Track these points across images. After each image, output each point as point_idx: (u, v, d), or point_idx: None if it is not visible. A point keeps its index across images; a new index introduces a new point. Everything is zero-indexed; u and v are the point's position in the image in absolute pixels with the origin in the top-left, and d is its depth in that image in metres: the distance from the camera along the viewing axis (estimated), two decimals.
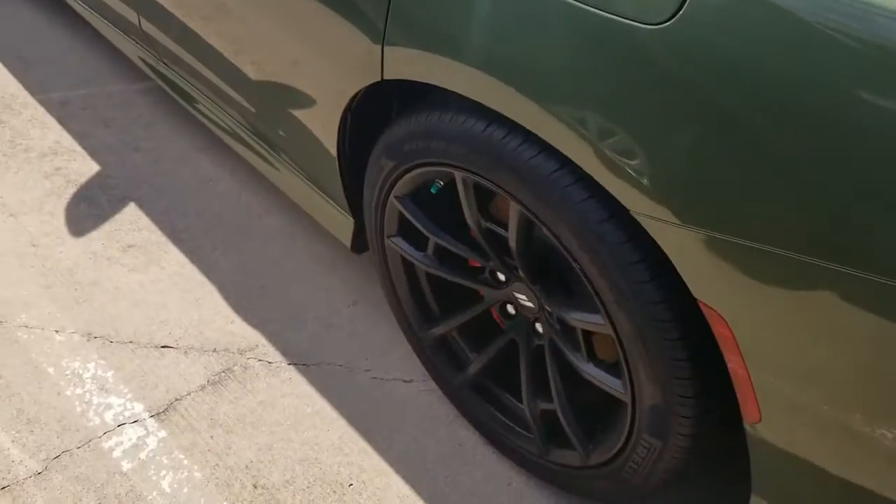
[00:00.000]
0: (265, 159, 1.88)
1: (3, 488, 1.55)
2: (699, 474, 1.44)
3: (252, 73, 1.68)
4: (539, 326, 1.42)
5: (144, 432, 1.66)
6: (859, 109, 0.83)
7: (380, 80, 1.29)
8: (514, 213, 1.24)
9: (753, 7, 0.88)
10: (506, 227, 1.28)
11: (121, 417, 1.68)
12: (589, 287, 1.17)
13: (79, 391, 1.73)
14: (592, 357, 1.29)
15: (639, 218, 1.04)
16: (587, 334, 1.30)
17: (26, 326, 1.85)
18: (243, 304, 1.91)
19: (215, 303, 1.91)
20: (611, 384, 1.25)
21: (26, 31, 2.81)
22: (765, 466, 1.13)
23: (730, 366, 1.05)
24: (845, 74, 0.83)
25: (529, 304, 1.40)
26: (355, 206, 1.66)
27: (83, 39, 2.72)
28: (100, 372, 1.76)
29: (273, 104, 1.69)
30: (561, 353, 1.35)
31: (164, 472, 1.59)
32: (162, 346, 1.82)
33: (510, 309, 1.48)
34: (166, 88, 2.21)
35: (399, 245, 1.53)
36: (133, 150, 2.33)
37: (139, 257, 2.02)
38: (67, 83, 2.56)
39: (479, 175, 1.24)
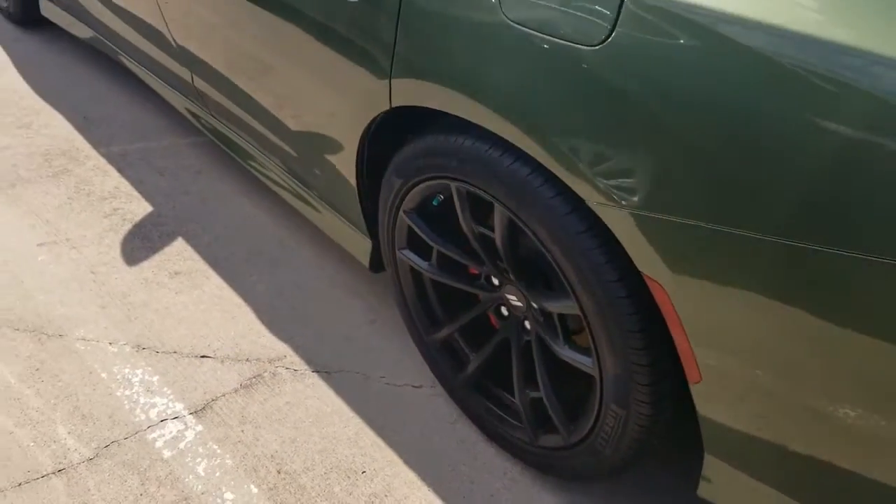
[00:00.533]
0: (300, 197, 2.14)
1: (60, 471, 1.77)
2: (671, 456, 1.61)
3: (290, 122, 1.96)
4: (527, 324, 1.62)
5: (183, 427, 1.87)
6: (749, 105, 1.05)
7: (388, 108, 1.55)
8: (498, 215, 1.46)
9: (663, 36, 1.11)
10: (494, 231, 1.51)
11: (163, 414, 1.90)
12: (560, 274, 1.38)
13: (127, 392, 1.96)
14: (568, 342, 1.49)
15: (592, 206, 1.26)
16: (564, 324, 1.50)
17: (84, 339, 2.10)
18: (274, 321, 2.14)
19: (249, 320, 2.15)
20: (583, 362, 1.44)
21: (90, 92, 3.16)
22: (710, 425, 1.30)
23: (672, 331, 1.25)
24: (729, 83, 1.06)
25: (519, 304, 1.61)
26: (372, 228, 1.90)
27: (139, 99, 3.05)
28: (146, 377, 2.00)
29: (306, 146, 1.95)
30: (545, 344, 1.55)
31: (199, 460, 1.80)
32: (201, 356, 2.06)
33: (503, 311, 1.69)
34: (214, 140, 2.50)
35: (408, 256, 1.75)
36: (183, 193, 2.62)
37: (185, 282, 2.27)
38: (126, 138, 2.88)
39: (469, 184, 1.47)
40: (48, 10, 3.31)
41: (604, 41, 1.16)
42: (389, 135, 1.67)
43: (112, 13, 2.68)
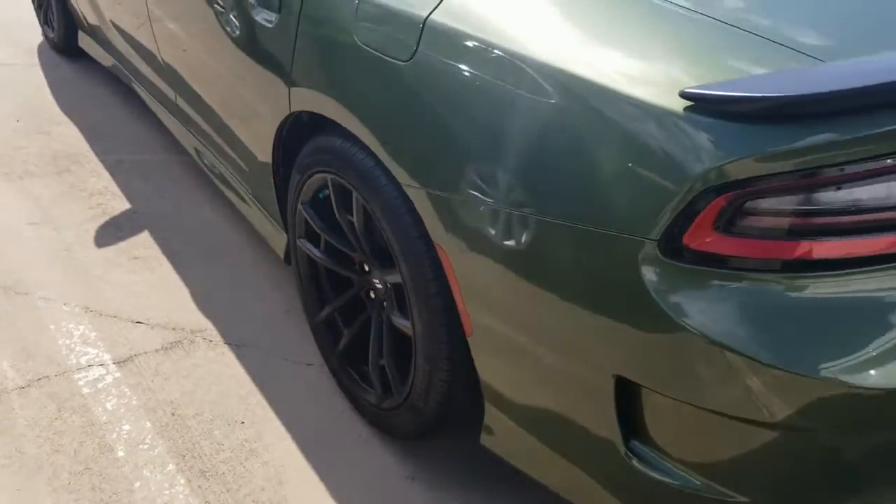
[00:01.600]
0: (238, 195, 2.52)
1: None
2: None
3: (234, 128, 2.35)
4: (385, 304, 1.94)
5: (105, 372, 2.21)
6: (502, 112, 1.39)
7: (289, 112, 1.93)
8: (355, 201, 1.80)
9: (449, 56, 1.47)
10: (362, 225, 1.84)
11: (92, 361, 2.25)
12: (390, 248, 1.71)
13: (67, 342, 2.31)
14: (400, 310, 1.80)
15: (405, 188, 1.59)
16: (399, 295, 1.81)
17: (44, 298, 2.47)
18: (204, 302, 2.49)
19: (184, 299, 2.50)
20: (405, 325, 1.75)
21: (106, 111, 3.63)
22: (485, 374, 1.60)
23: (453, 291, 1.56)
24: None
25: (380, 287, 1.94)
26: (287, 223, 2.26)
27: (143, 119, 3.50)
28: (86, 332, 2.35)
29: (243, 150, 2.34)
30: (388, 315, 1.87)
31: (110, 398, 2.13)
32: (136, 322, 2.41)
33: (371, 294, 2.01)
34: (189, 152, 2.92)
35: (304, 245, 2.10)
36: (159, 197, 3.02)
37: (140, 265, 2.65)
38: (124, 150, 3.32)
39: (338, 175, 1.82)
40: (84, 41, 3.83)
41: (411, 58, 1.53)
42: (304, 138, 2.03)
43: (125, 42, 3.15)
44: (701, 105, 1.14)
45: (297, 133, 2.01)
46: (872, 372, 1.18)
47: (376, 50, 1.61)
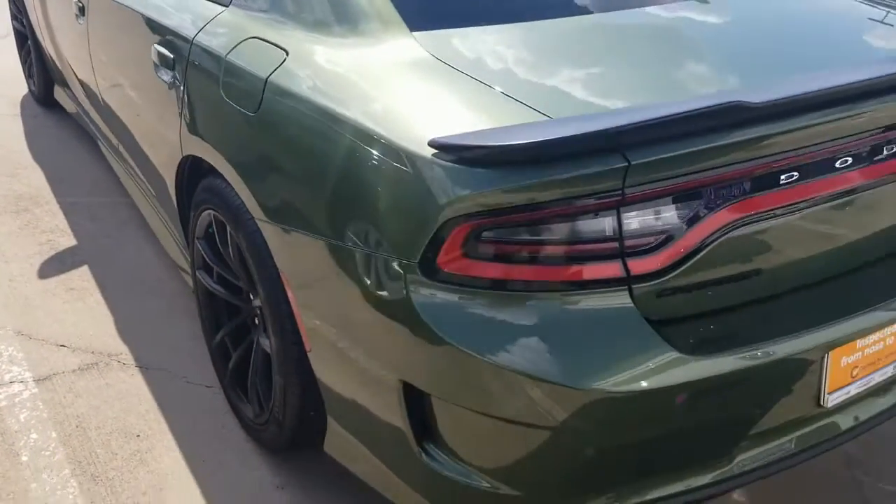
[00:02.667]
0: (162, 232, 2.78)
1: None
2: None
3: (151, 157, 2.63)
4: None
5: (24, 388, 2.45)
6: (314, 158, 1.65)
7: (182, 155, 2.20)
8: (229, 236, 2.05)
9: (282, 109, 1.74)
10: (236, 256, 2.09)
11: (14, 378, 2.49)
12: (253, 275, 1.94)
13: None
14: (265, 332, 2.03)
15: (258, 223, 1.84)
16: (264, 318, 2.04)
17: None
18: (125, 330, 2.73)
19: (107, 326, 2.74)
20: (266, 344, 1.98)
21: (71, 157, 3.94)
22: (325, 388, 1.81)
23: (294, 310, 1.79)
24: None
25: (259, 312, 2.17)
26: None
27: (102, 165, 3.80)
28: (13, 352, 2.60)
29: (160, 186, 2.61)
30: (258, 337, 2.10)
31: (24, 411, 2.36)
32: (60, 345, 2.65)
33: (256, 320, 2.24)
34: (129, 191, 3.20)
35: (202, 276, 2.34)
36: (104, 236, 3.29)
37: (74, 296, 2.90)
38: (81, 193, 3.61)
39: (218, 212, 2.08)
40: (58, 93, 4.16)
41: (257, 109, 1.80)
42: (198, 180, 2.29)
43: (81, 89, 3.46)
44: (445, 151, 1.38)
45: (193, 175, 2.27)
46: (605, 377, 1.40)
47: (234, 102, 1.88)
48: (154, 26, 2.36)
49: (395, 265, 1.46)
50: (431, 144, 1.39)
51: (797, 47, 1.90)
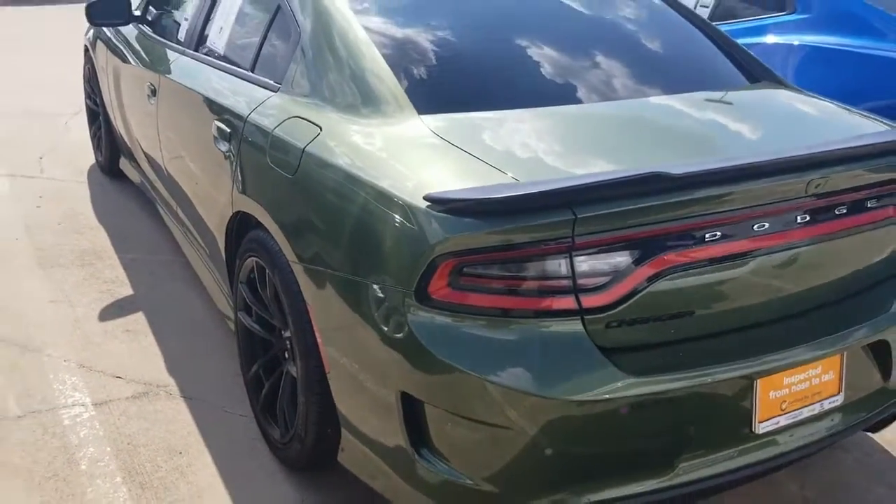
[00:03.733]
0: (209, 282, 3.20)
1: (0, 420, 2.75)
2: None
3: (205, 217, 3.06)
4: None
5: (84, 410, 2.84)
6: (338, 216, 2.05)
7: (233, 212, 2.62)
8: (267, 277, 2.45)
9: (315, 174, 2.15)
10: (272, 295, 2.48)
11: (76, 402, 2.88)
12: (284, 308, 2.33)
13: (60, 387, 2.96)
14: (293, 359, 2.40)
15: (291, 263, 2.23)
16: (292, 347, 2.41)
17: (50, 355, 3.14)
18: (175, 364, 3.12)
19: (158, 362, 3.14)
20: (293, 370, 2.35)
21: (133, 220, 4.42)
22: (339, 402, 2.16)
23: (316, 335, 2.16)
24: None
25: (290, 345, 2.55)
26: None
27: (160, 227, 4.27)
28: (76, 381, 3.00)
29: (211, 242, 3.03)
30: (287, 366, 2.47)
31: (84, 429, 2.75)
32: (116, 376, 3.05)
33: (287, 354, 2.62)
34: (184, 252, 3.64)
35: (242, 316, 2.74)
36: (159, 287, 3.72)
37: (130, 336, 3.32)
38: (140, 251, 4.08)
39: (259, 258, 2.48)
40: (123, 164, 4.68)
41: (294, 173, 2.22)
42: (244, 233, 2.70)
43: (146, 160, 3.96)
44: (436, 203, 1.78)
45: (241, 230, 2.69)
46: (562, 388, 1.74)
47: (277, 167, 2.31)
48: (215, 106, 2.83)
49: (397, 294, 1.84)
50: (426, 198, 1.79)
51: (734, 135, 2.28)
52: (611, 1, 2.90)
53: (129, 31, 4.19)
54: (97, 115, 4.99)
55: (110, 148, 4.84)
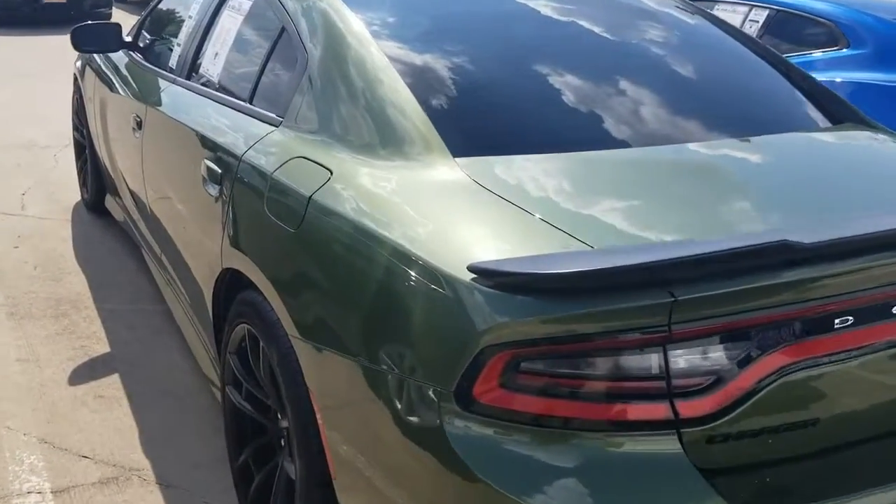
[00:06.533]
0: (195, 344, 2.75)
1: None
2: None
3: (192, 268, 2.63)
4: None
5: (41, 500, 2.38)
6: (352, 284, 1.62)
7: (222, 268, 2.19)
8: (262, 351, 2.01)
9: (324, 228, 1.72)
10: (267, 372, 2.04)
11: (32, 488, 2.42)
12: (282, 393, 1.89)
13: (16, 468, 2.50)
14: (291, 455, 1.95)
15: (292, 340, 1.79)
16: (290, 441, 1.96)
17: (8, 427, 2.69)
18: (151, 444, 2.66)
19: (133, 439, 2.68)
20: (292, 469, 1.90)
21: (115, 263, 3.99)
22: None
23: (321, 433, 1.71)
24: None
25: (286, 433, 2.10)
26: None
27: (144, 271, 3.83)
28: (35, 461, 2.54)
29: (198, 301, 2.60)
30: (283, 461, 2.02)
31: None
32: (83, 456, 2.59)
33: (282, 442, 2.17)
34: (167, 300, 3.20)
35: (231, 392, 2.29)
36: (138, 343, 3.28)
37: (102, 405, 2.86)
38: (119, 300, 3.64)
39: (252, 326, 2.04)
40: (108, 202, 4.26)
41: (298, 226, 1.79)
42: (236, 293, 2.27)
43: (132, 199, 3.54)
44: (485, 277, 1.34)
45: (232, 288, 2.25)
46: None
47: (277, 218, 1.88)
48: (205, 142, 2.41)
49: (430, 392, 1.40)
50: (471, 269, 1.35)
51: (843, 188, 1.86)
52: (667, 31, 2.48)
53: (120, 57, 3.80)
54: (83, 148, 4.59)
55: (96, 184, 4.42)
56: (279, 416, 2.09)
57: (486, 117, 1.92)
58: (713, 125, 2.04)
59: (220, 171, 2.24)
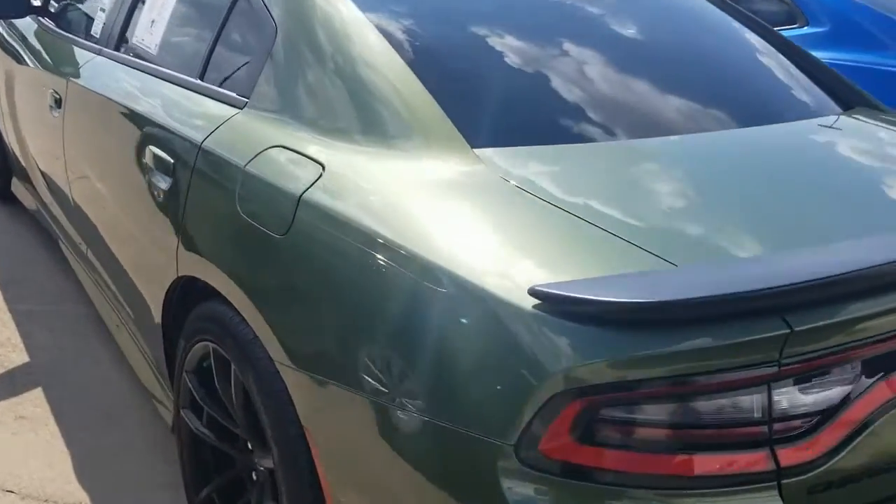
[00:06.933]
0: (134, 354, 2.41)
1: None
2: None
3: (131, 271, 2.27)
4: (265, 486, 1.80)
5: None
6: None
7: (177, 276, 1.86)
8: (233, 376, 1.70)
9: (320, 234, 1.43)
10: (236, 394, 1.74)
11: None
12: (264, 429, 1.59)
13: None
14: (274, 500, 1.67)
15: (279, 366, 1.50)
16: (273, 483, 1.68)
17: None
18: (86, 473, 2.31)
19: (64, 468, 2.32)
20: None
21: (28, 257, 3.55)
22: None
23: (320, 480, 1.44)
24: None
25: (262, 469, 1.80)
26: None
27: (63, 267, 3.41)
28: None
29: (141, 310, 2.25)
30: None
31: None
32: (7, 490, 2.22)
33: (254, 476, 1.87)
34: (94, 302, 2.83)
35: (188, 416, 1.97)
36: (61, 350, 2.89)
37: (24, 426, 2.48)
38: (36, 299, 3.22)
39: (219, 345, 1.73)
40: (16, 187, 3.80)
41: (286, 232, 1.48)
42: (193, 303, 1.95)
43: (46, 184, 3.11)
44: (553, 304, 1.09)
45: (188, 298, 1.93)
46: None
47: (255, 221, 1.57)
48: (150, 125, 2.05)
49: (481, 447, 1.14)
50: (534, 294, 1.09)
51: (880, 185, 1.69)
52: (684, 20, 2.26)
53: (27, 24, 3.34)
54: None
55: (1, 167, 3.94)
56: (250, 447, 1.80)
57: (514, 99, 1.64)
58: (745, 113, 1.83)
59: (171, 160, 1.90)
